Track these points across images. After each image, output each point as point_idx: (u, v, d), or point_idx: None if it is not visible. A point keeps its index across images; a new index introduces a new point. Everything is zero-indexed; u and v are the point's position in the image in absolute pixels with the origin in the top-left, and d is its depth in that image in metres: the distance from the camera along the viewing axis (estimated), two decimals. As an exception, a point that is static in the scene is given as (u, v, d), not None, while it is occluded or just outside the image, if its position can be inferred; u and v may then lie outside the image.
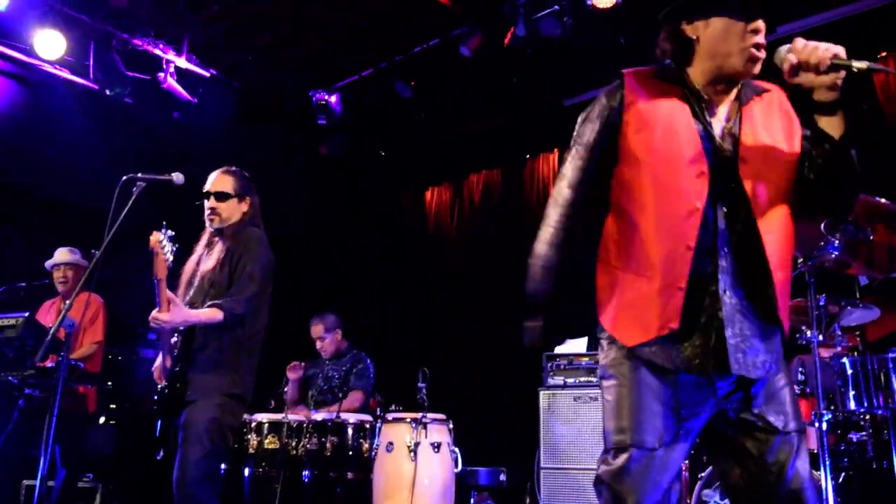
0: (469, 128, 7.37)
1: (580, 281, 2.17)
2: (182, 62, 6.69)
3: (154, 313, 3.24)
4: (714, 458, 2.05)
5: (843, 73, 1.82)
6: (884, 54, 5.62)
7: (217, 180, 3.69)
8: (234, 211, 3.66)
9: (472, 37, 6.06)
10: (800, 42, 1.85)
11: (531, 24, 5.76)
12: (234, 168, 3.78)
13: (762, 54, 1.96)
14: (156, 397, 3.42)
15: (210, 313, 3.34)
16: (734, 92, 2.04)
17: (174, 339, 3.45)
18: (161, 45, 6.58)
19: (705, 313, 1.93)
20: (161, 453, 3.37)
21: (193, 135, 6.96)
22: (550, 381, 5.40)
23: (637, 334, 1.97)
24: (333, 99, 7.16)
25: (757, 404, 1.95)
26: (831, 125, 1.91)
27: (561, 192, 2.12)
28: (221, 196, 3.65)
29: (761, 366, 1.94)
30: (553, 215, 2.11)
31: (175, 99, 6.75)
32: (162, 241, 3.24)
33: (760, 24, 1.94)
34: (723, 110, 2.03)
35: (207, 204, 3.65)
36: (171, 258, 3.29)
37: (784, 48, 1.87)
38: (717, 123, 2.01)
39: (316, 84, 7.28)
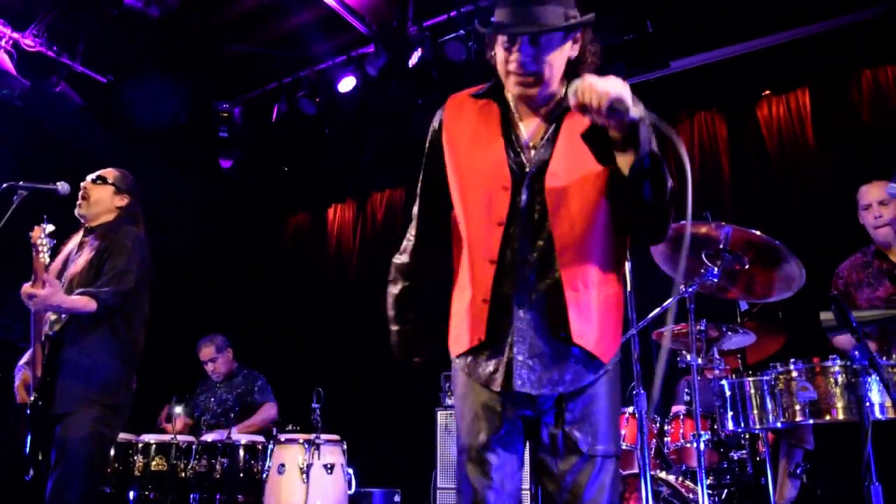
0: (373, 146, 7.37)
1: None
2: (77, 66, 6.45)
3: (27, 287, 3.05)
4: (533, 469, 2.07)
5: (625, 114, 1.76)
6: (767, 92, 5.97)
7: (101, 170, 3.58)
8: (105, 199, 3.52)
9: (378, 57, 6.10)
10: (585, 80, 1.77)
11: (437, 47, 5.84)
12: (124, 168, 3.66)
13: (524, 79, 1.95)
14: (28, 412, 3.22)
15: (84, 301, 3.15)
16: (551, 106, 2.03)
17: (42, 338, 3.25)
18: (55, 48, 6.33)
19: (505, 329, 1.96)
20: (31, 473, 3.17)
21: (86, 142, 6.70)
22: (448, 402, 5.40)
23: (458, 345, 2.05)
24: (236, 112, 7.05)
25: (568, 421, 1.95)
26: (624, 162, 1.86)
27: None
28: (97, 179, 3.53)
29: (552, 385, 1.94)
30: None
31: (68, 104, 6.49)
32: (42, 237, 3.12)
33: (517, 53, 1.92)
34: (533, 125, 2.03)
35: (82, 185, 3.53)
36: (47, 257, 3.15)
37: (574, 83, 1.79)
38: (529, 136, 2.02)
39: (218, 96, 7.15)
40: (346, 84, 6.42)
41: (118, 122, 6.81)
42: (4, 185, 3.39)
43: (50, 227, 3.18)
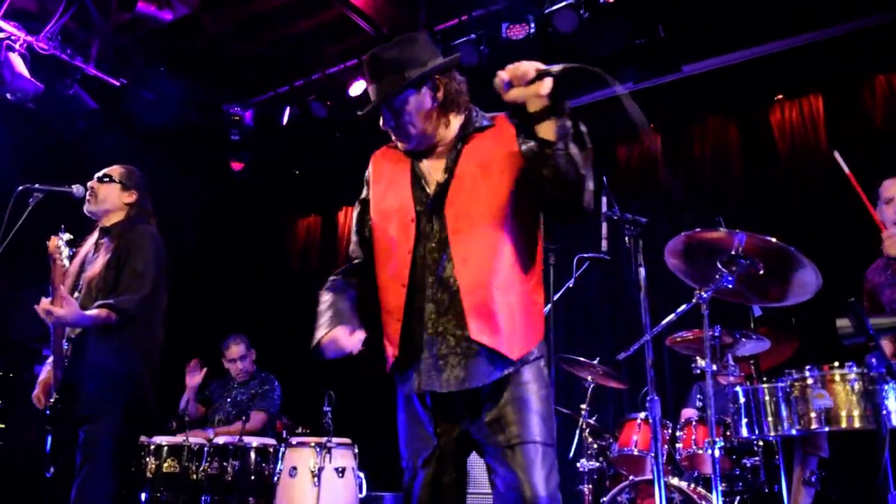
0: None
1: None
2: (90, 69, 6.48)
3: (46, 303, 3.05)
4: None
5: (547, 81, 1.97)
6: (780, 97, 5.95)
7: (107, 168, 3.62)
8: (113, 196, 3.55)
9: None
10: (511, 65, 2.03)
11: (448, 51, 5.84)
12: (131, 165, 3.69)
13: (397, 138, 2.30)
14: (47, 412, 3.23)
15: (105, 314, 3.18)
16: (447, 142, 2.29)
17: (65, 346, 3.27)
18: (69, 51, 6.36)
19: (419, 340, 2.18)
20: (51, 471, 3.19)
21: (99, 145, 6.72)
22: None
23: (388, 362, 2.27)
24: (247, 115, 7.07)
25: (485, 423, 2.12)
26: (547, 131, 2.03)
27: None
28: (103, 178, 3.57)
29: (460, 383, 2.12)
30: None
31: (81, 107, 6.51)
32: (60, 247, 3.14)
33: (382, 121, 2.27)
34: (435, 162, 2.29)
35: (89, 184, 3.56)
36: (67, 264, 3.17)
37: (499, 74, 2.04)
38: (432, 172, 2.27)
39: (230, 99, 7.17)
40: (357, 88, 6.43)
41: (130, 125, 6.83)
42: (20, 188, 3.41)
43: (67, 236, 3.22)
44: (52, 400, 3.22)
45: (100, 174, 3.59)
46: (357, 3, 5.91)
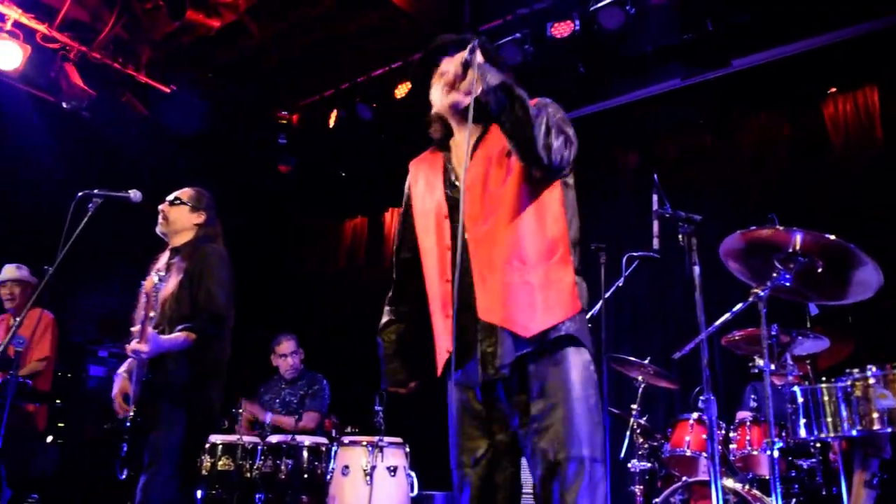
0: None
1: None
2: (142, 77, 6.62)
3: (134, 345, 3.22)
4: None
5: (475, 60, 2.07)
6: (833, 90, 5.82)
7: (177, 192, 3.75)
8: (183, 218, 3.68)
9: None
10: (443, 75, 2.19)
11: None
12: (200, 187, 3.81)
13: (449, 90, 2.24)
14: (128, 424, 3.35)
15: (184, 336, 3.35)
16: (473, 140, 2.30)
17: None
18: (120, 60, 6.51)
19: (470, 333, 2.18)
20: (125, 474, 3.31)
21: (152, 151, 6.87)
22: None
23: (439, 362, 2.28)
24: (294, 118, 7.16)
25: (533, 431, 2.09)
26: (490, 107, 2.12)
27: None
28: (174, 201, 3.70)
29: (490, 368, 2.14)
30: None
31: (133, 114, 6.66)
32: (157, 285, 3.28)
33: (443, 67, 2.29)
34: (467, 160, 2.27)
35: (160, 207, 3.69)
36: (159, 297, 3.32)
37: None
38: (458, 174, 2.31)
39: (277, 103, 7.26)
40: (402, 90, 6.46)
41: (181, 130, 6.97)
42: (80, 194, 3.49)
43: (161, 274, 3.37)
44: (130, 414, 3.34)
45: (170, 197, 3.73)
46: (401, 4, 5.94)
